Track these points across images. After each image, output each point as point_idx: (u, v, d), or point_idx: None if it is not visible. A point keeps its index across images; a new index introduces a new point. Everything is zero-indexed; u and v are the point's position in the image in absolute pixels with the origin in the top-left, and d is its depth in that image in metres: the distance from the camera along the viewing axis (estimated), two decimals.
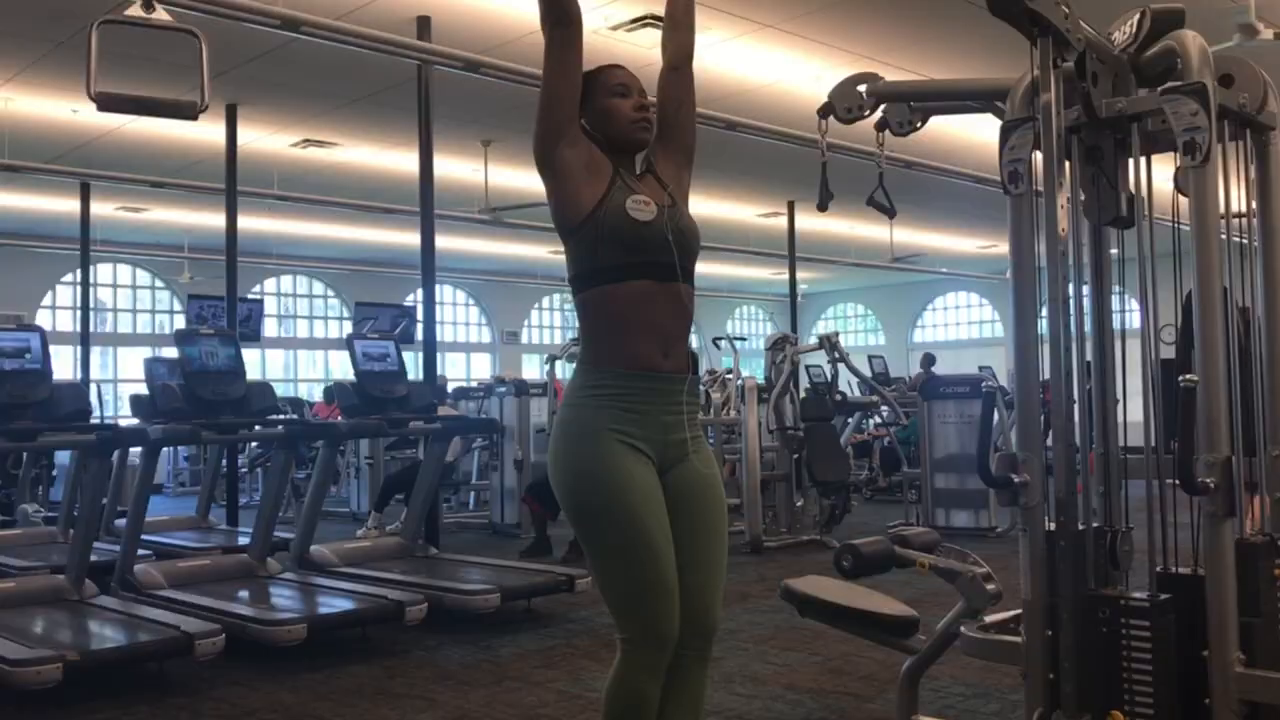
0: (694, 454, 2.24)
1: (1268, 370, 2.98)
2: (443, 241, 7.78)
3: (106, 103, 1.78)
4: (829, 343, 8.97)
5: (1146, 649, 2.52)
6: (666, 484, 2.19)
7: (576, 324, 2.35)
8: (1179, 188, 2.87)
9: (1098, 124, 2.82)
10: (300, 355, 18.66)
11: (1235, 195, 2.97)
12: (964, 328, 22.09)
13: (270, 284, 17.82)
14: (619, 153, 2.25)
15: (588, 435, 2.15)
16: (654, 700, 2.16)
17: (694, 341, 22.34)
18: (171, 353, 10.58)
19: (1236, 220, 2.99)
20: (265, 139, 9.75)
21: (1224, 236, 2.82)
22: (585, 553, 2.24)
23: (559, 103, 2.13)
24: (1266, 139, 2.95)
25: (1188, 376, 2.56)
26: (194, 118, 1.96)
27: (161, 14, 1.80)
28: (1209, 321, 2.65)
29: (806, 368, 10.06)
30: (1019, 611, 2.83)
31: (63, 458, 8.37)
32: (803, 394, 9.00)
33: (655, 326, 2.15)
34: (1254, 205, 3.00)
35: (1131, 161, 2.89)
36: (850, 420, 11.51)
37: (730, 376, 8.91)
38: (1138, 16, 2.89)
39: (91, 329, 11.85)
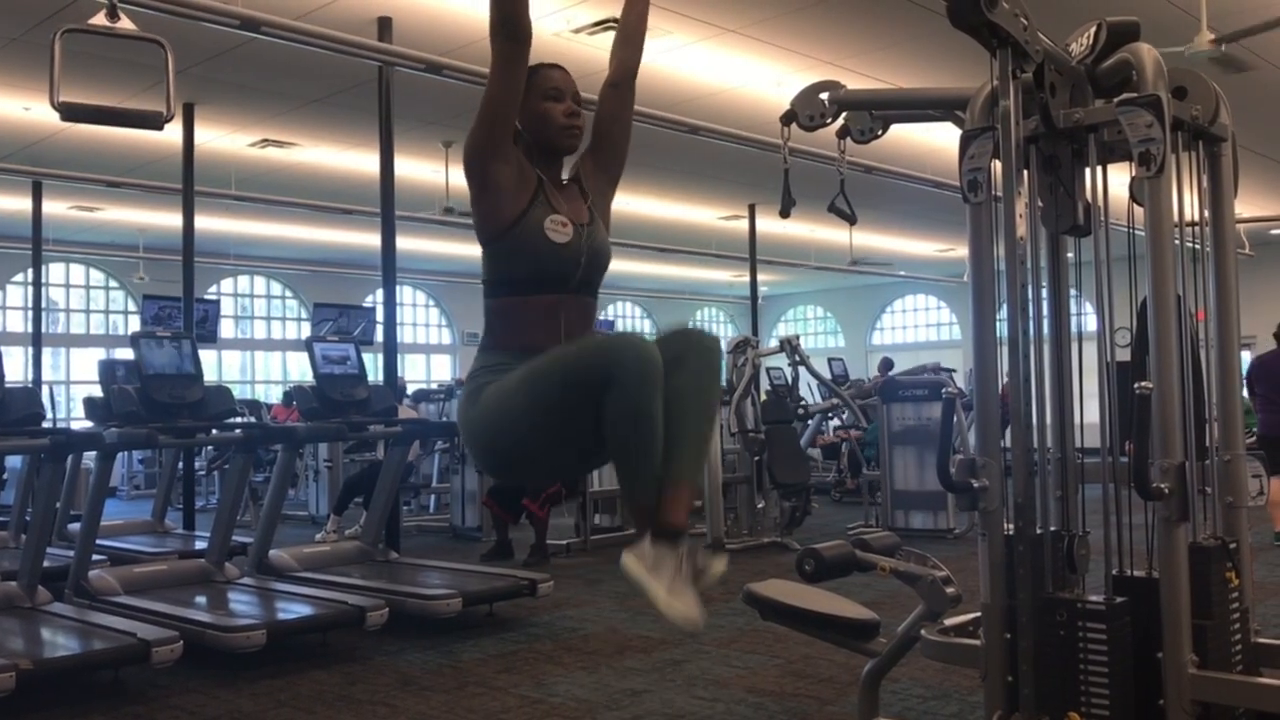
0: None
1: (1219, 376, 3.04)
2: (403, 242, 7.73)
3: (71, 113, 1.74)
4: (790, 345, 9.03)
5: (1103, 651, 2.56)
6: None
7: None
8: (1134, 197, 2.92)
9: (1055, 134, 2.87)
10: (258, 357, 18.46)
11: (1189, 204, 3.04)
12: (922, 330, 22.31)
13: (227, 284, 17.61)
14: (546, 156, 2.26)
15: (491, 381, 2.14)
16: (654, 402, 1.94)
17: None
18: (126, 354, 10.44)
19: (1190, 228, 3.05)
20: (223, 139, 9.64)
21: (1177, 243, 2.88)
22: (535, 427, 2.07)
23: (499, 118, 2.13)
24: (1218, 150, 3.02)
25: (1143, 384, 2.61)
26: (160, 128, 1.93)
27: (126, 23, 1.77)
28: (1163, 329, 2.70)
29: (767, 370, 10.11)
30: (978, 614, 2.87)
31: (14, 462, 8.23)
32: (764, 397, 9.05)
33: (558, 331, 2.18)
34: (1206, 214, 3.06)
35: (1088, 171, 2.94)
36: (810, 423, 11.60)
37: None
38: (1095, 28, 2.95)
39: (43, 330, 11.65)
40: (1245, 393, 8.68)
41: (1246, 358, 16.92)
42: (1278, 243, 16.14)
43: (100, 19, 1.72)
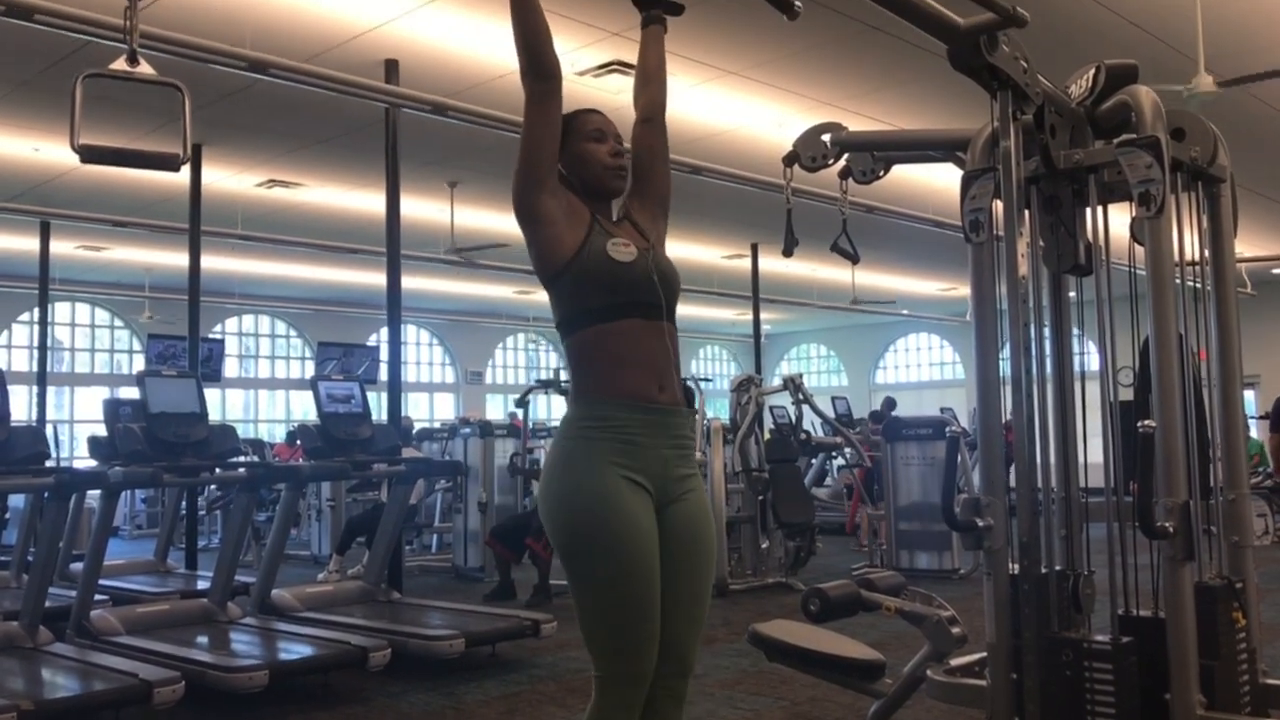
0: (692, 492, 2.23)
1: (1222, 414, 3.05)
2: (407, 281, 7.77)
3: (90, 155, 1.77)
4: (793, 384, 9.04)
5: (1110, 692, 2.55)
6: (663, 519, 2.17)
7: (561, 364, 2.34)
8: (1135, 236, 2.95)
9: (1056, 175, 2.91)
10: (261, 395, 18.47)
11: (1189, 243, 3.06)
12: (925, 369, 22.31)
13: (232, 323, 17.67)
14: (595, 199, 2.27)
15: (588, 468, 2.11)
16: None
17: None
18: (130, 393, 10.43)
19: (1190, 267, 3.07)
20: (230, 179, 9.72)
21: (1179, 281, 2.89)
22: (572, 586, 2.19)
23: (540, 155, 2.15)
24: (1217, 190, 3.05)
25: (1146, 423, 2.62)
26: (176, 169, 1.96)
27: (145, 68, 1.80)
28: (1166, 368, 2.71)
29: (771, 409, 10.10)
30: (984, 655, 2.85)
31: (17, 501, 8.22)
32: (767, 435, 9.04)
33: (647, 362, 2.15)
34: (1206, 253, 3.08)
35: (1089, 211, 2.96)
36: (814, 461, 11.58)
37: (696, 417, 8.92)
38: (1094, 71, 2.99)
39: (48, 368, 11.68)
40: (1270, 432, 8.53)
41: (1250, 397, 16.88)
42: (1277, 281, 16.17)
43: (120, 64, 1.75)
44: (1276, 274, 15.96)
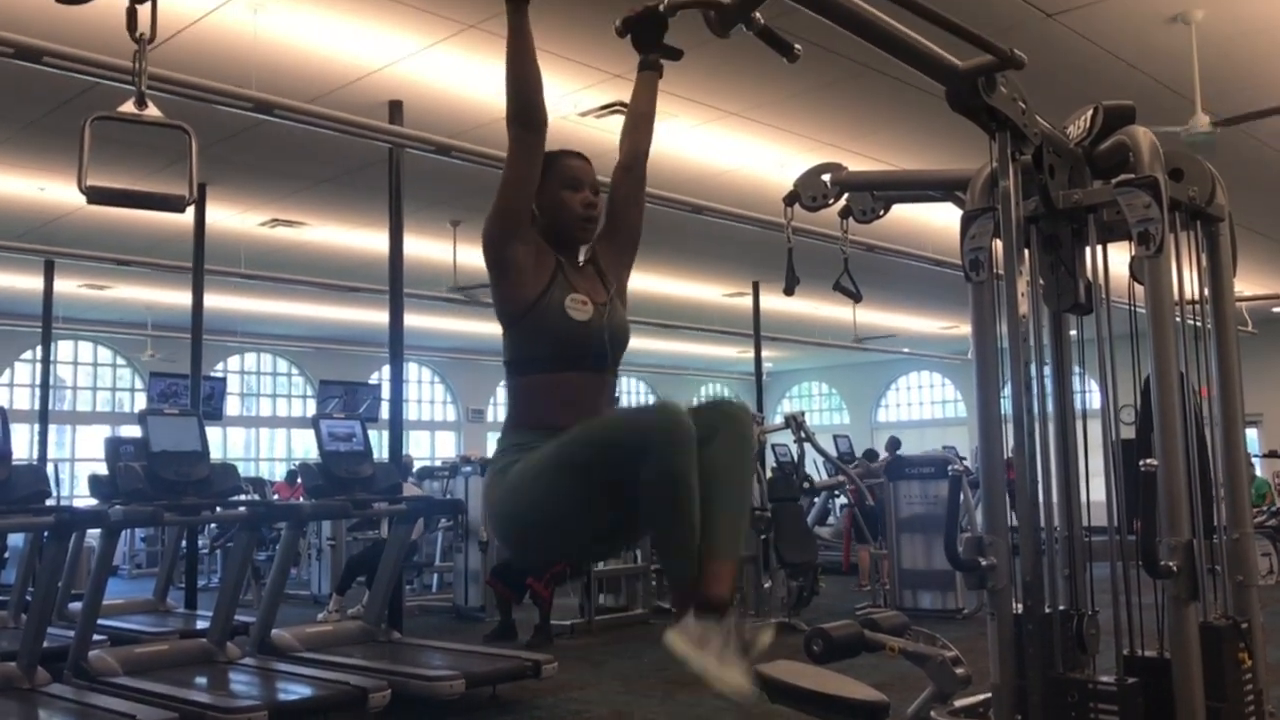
0: None
1: (1224, 453, 3.04)
2: (409, 319, 7.79)
3: (96, 196, 1.79)
4: (795, 422, 9.03)
5: None
6: None
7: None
8: (1134, 275, 2.96)
9: (1055, 214, 2.92)
10: (262, 434, 18.46)
11: (1189, 282, 3.07)
12: (927, 407, 22.28)
13: (234, 361, 17.69)
14: (563, 241, 2.29)
15: (519, 459, 2.14)
16: (690, 474, 1.93)
17: None
18: (132, 431, 10.40)
19: (1191, 305, 3.08)
20: (233, 218, 9.78)
21: (1179, 320, 2.90)
22: (563, 505, 2.07)
23: (517, 202, 2.17)
24: (1216, 229, 3.06)
25: (1148, 461, 2.61)
26: (181, 210, 1.97)
27: (153, 110, 1.82)
28: (1167, 407, 2.71)
29: (773, 447, 10.10)
30: (989, 695, 2.83)
31: (16, 540, 8.20)
32: (769, 473, 9.01)
33: (581, 408, 2.19)
34: (1206, 292, 3.09)
35: (1089, 250, 2.98)
36: (817, 500, 11.55)
37: None
38: (1091, 112, 3.01)
39: (50, 407, 11.67)
40: None
41: (1253, 435, 16.81)
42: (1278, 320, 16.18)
43: (129, 106, 1.77)
44: (1277, 312, 15.98)
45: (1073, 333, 3.15)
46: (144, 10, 1.49)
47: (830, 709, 3.25)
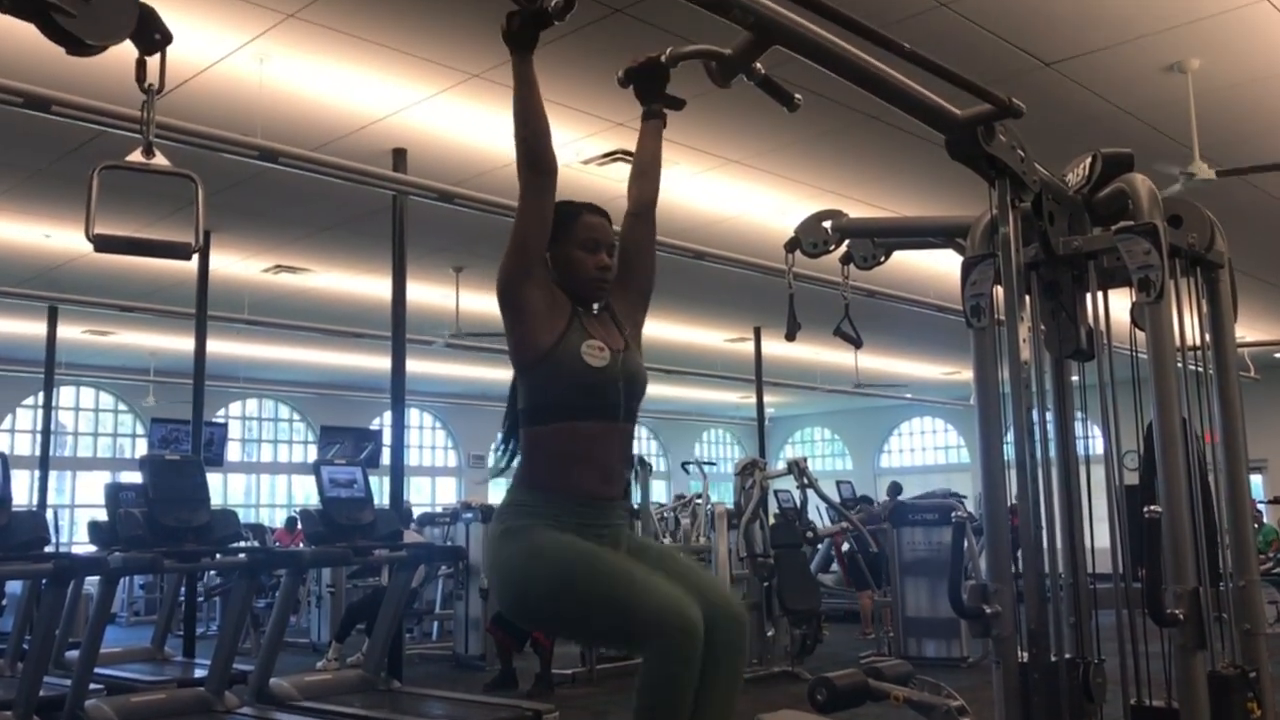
0: (625, 538, 2.27)
1: (1229, 499, 3.03)
2: (411, 364, 7.80)
3: (104, 244, 1.81)
4: (797, 468, 8.99)
5: None
6: None
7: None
8: (1135, 321, 2.97)
9: (1056, 261, 2.94)
10: (263, 480, 18.41)
11: (1190, 327, 3.08)
12: (930, 453, 22.23)
13: (235, 407, 17.69)
14: (576, 297, 2.30)
15: (531, 528, 2.15)
16: (689, 687, 2.02)
17: (661, 465, 21.99)
18: (131, 477, 10.37)
19: (1192, 351, 3.08)
20: (237, 264, 9.83)
21: (1182, 364, 2.91)
22: (571, 620, 2.16)
23: (530, 247, 2.18)
24: (1216, 275, 3.08)
25: (1152, 508, 2.60)
26: (188, 258, 1.99)
27: (161, 159, 1.85)
28: (1170, 453, 2.71)
29: (776, 493, 10.04)
30: None
31: (14, 587, 8.14)
32: (772, 519, 8.96)
33: (600, 461, 2.21)
34: (1208, 337, 3.10)
35: (1089, 296, 2.99)
36: (820, 546, 11.47)
37: (700, 501, 8.87)
38: (1090, 159, 3.04)
39: (51, 452, 11.66)
40: None
41: (1258, 481, 16.71)
42: None
43: (137, 155, 1.79)
44: (1279, 358, 15.99)
45: (1075, 378, 3.15)
46: (153, 62, 1.51)
47: None
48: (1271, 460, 16.70)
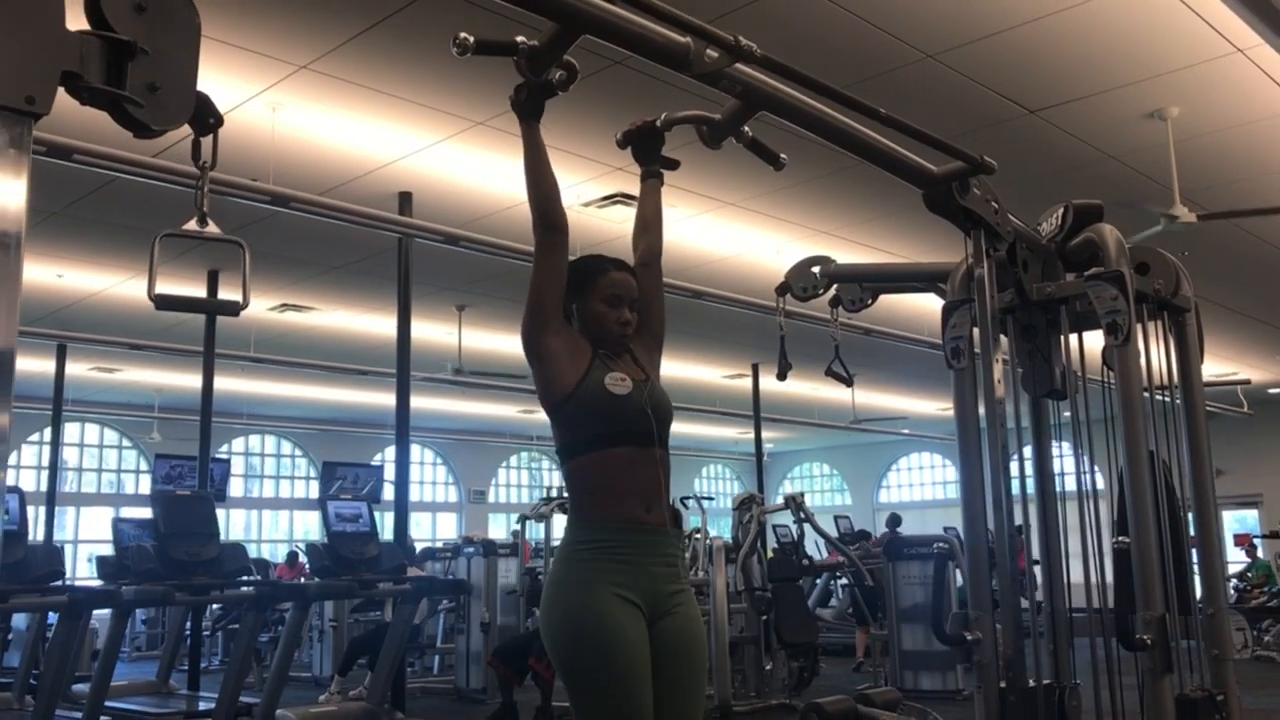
0: (681, 606, 2.36)
1: (1199, 532, 3.18)
2: (413, 401, 7.96)
3: (164, 303, 1.99)
4: (794, 503, 9.12)
5: None
6: (654, 633, 2.30)
7: (554, 485, 2.49)
8: (1106, 362, 3.14)
9: (1030, 305, 3.11)
10: (264, 515, 18.50)
11: (1160, 367, 3.25)
12: (928, 488, 22.31)
13: (237, 443, 17.82)
14: (598, 344, 2.44)
15: (583, 587, 2.27)
16: None
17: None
18: (133, 513, 10.45)
19: (1161, 390, 3.25)
20: None
21: (1157, 399, 3.07)
22: (573, 700, 2.30)
23: (546, 299, 2.34)
24: (1183, 319, 3.25)
25: (1121, 538, 2.76)
26: (237, 314, 2.18)
27: (213, 227, 2.04)
28: (1138, 486, 2.87)
29: (774, 527, 10.16)
30: None
31: (19, 621, 8.25)
32: (769, 554, 9.08)
33: (636, 487, 2.33)
34: (1176, 378, 3.27)
35: (1062, 339, 3.16)
36: (819, 581, 11.58)
37: (698, 536, 9.00)
38: (1062, 210, 3.22)
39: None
40: None
41: (1254, 516, 16.74)
42: (1277, 401, 16.32)
43: (192, 225, 1.98)
44: (1274, 393, 16.15)
45: (1066, 414, 3.30)
46: (206, 141, 1.69)
47: None
48: (1267, 494, 16.81)
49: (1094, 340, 3.23)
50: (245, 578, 6.17)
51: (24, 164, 1.24)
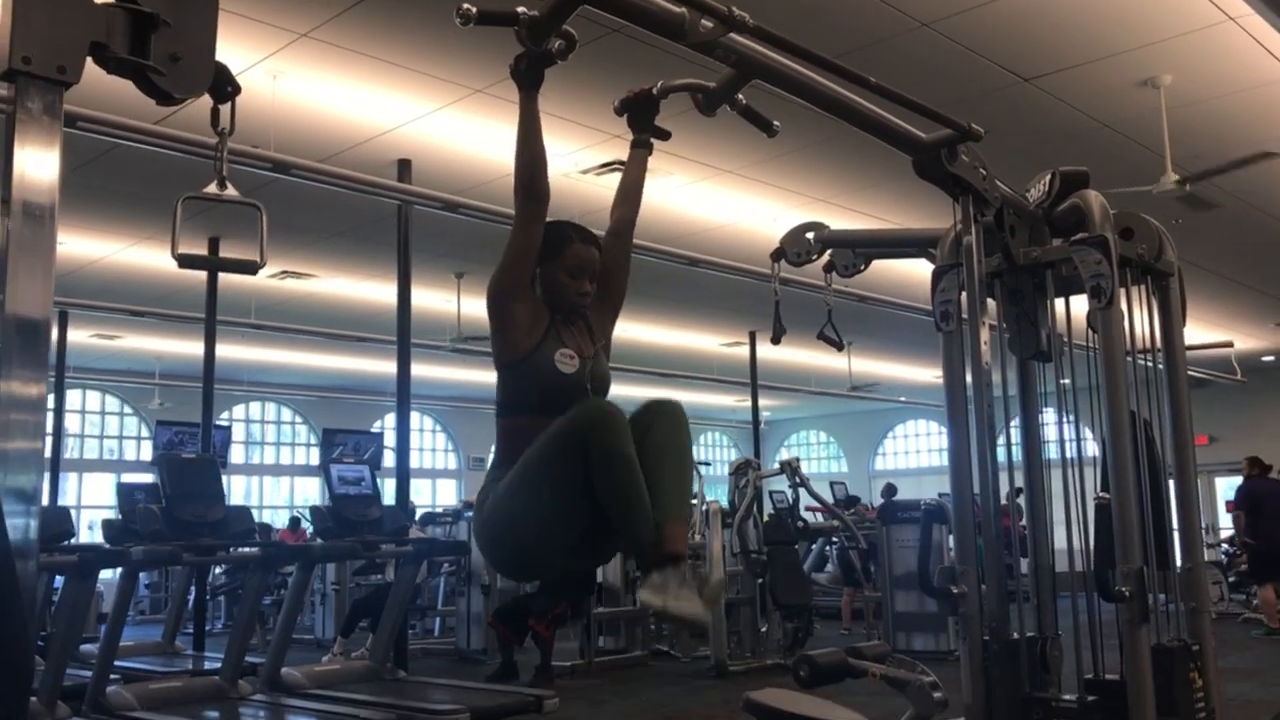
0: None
1: (1178, 490, 3.29)
2: (413, 369, 8.06)
3: (186, 263, 2.07)
4: (790, 468, 9.24)
5: None
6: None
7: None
8: (1091, 325, 3.22)
9: (1017, 270, 3.19)
10: (265, 481, 18.64)
11: (1143, 331, 3.33)
12: (924, 455, 22.47)
13: (238, 410, 17.92)
14: (556, 311, 2.52)
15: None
16: (628, 447, 2.23)
17: None
18: (135, 478, 10.55)
19: (1144, 353, 3.34)
20: None
21: (1140, 361, 3.16)
22: (530, 489, 2.33)
23: (519, 266, 2.42)
24: (1166, 283, 3.33)
25: (1101, 494, 2.86)
26: (255, 273, 2.28)
27: (231, 190, 2.12)
28: (1119, 445, 2.96)
29: (770, 493, 10.28)
30: (963, 717, 3.04)
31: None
32: (765, 518, 9.22)
33: None
34: (1159, 341, 3.35)
35: (1049, 302, 3.25)
36: (814, 546, 11.72)
37: (695, 501, 9.13)
38: (1050, 176, 3.30)
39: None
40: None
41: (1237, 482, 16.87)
42: (1270, 369, 16.42)
43: (212, 188, 2.06)
44: (1268, 361, 16.25)
45: (1065, 381, 3.38)
46: (225, 108, 1.77)
47: None
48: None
49: (1080, 305, 3.31)
50: (251, 539, 6.29)
51: (56, 132, 1.32)
